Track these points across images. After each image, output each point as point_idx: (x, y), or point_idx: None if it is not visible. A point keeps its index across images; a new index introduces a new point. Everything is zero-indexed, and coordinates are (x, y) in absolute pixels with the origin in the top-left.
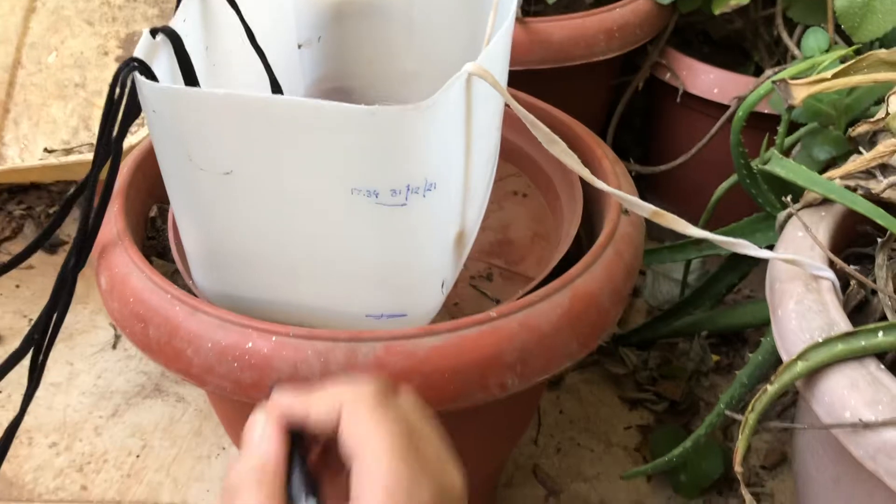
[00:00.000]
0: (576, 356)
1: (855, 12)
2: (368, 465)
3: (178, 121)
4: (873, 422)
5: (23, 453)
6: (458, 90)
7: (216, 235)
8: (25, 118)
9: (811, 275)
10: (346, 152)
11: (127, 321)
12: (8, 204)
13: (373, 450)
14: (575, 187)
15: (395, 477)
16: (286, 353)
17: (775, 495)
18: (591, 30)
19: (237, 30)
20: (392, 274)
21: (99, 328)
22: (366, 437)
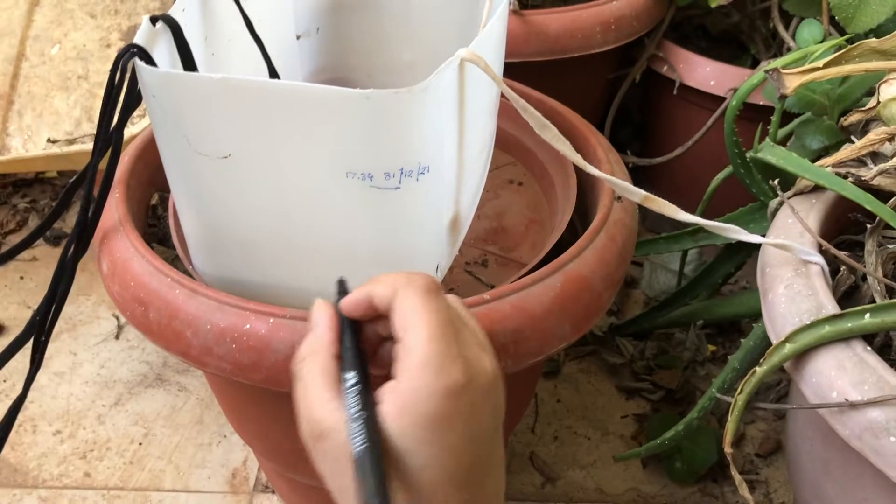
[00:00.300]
0: (569, 338)
1: (848, 4)
2: (410, 342)
3: (176, 105)
4: (859, 401)
5: (27, 441)
6: (451, 75)
7: (215, 219)
8: (29, 109)
9: (801, 260)
10: (341, 136)
11: (128, 304)
12: (12, 197)
13: (416, 329)
14: (569, 175)
15: (431, 354)
16: (283, 334)
17: (769, 482)
18: (588, 22)
19: (236, 20)
20: (387, 257)
21: (102, 319)
22: (411, 317)
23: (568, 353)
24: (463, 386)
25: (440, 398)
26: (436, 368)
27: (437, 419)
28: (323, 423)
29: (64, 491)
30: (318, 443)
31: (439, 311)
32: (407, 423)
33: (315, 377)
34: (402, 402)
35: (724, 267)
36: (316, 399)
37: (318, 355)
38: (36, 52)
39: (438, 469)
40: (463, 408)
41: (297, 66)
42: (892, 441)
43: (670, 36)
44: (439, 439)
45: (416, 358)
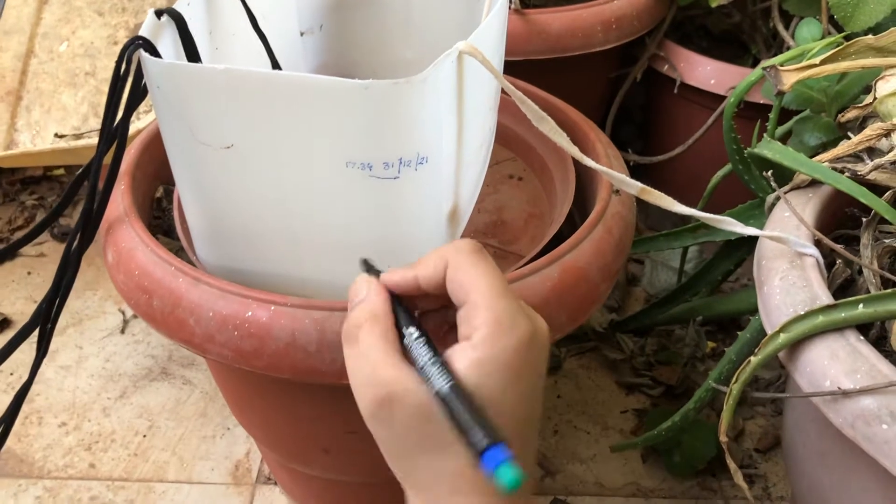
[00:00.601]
0: (565, 328)
1: (847, 3)
2: (478, 300)
3: (180, 96)
4: (851, 389)
5: (33, 432)
6: (450, 67)
7: (218, 209)
8: (37, 105)
9: (796, 252)
10: (341, 126)
11: (132, 293)
12: (21, 195)
13: (480, 289)
14: (568, 170)
15: (501, 310)
16: (284, 321)
17: (768, 476)
18: (589, 21)
19: (241, 15)
20: (387, 246)
21: (108, 314)
22: (472, 279)
23: (569, 349)
24: (531, 338)
25: (514, 351)
26: (509, 323)
27: (512, 370)
28: (391, 385)
29: (69, 481)
30: (384, 408)
31: (496, 270)
32: (484, 375)
33: (377, 340)
34: (478, 356)
35: (724, 264)
36: (381, 361)
37: (378, 319)
38: (44, 49)
39: (510, 419)
40: (532, 359)
41: (300, 63)
42: (884, 428)
43: (672, 36)
44: (511, 390)
45: (489, 314)
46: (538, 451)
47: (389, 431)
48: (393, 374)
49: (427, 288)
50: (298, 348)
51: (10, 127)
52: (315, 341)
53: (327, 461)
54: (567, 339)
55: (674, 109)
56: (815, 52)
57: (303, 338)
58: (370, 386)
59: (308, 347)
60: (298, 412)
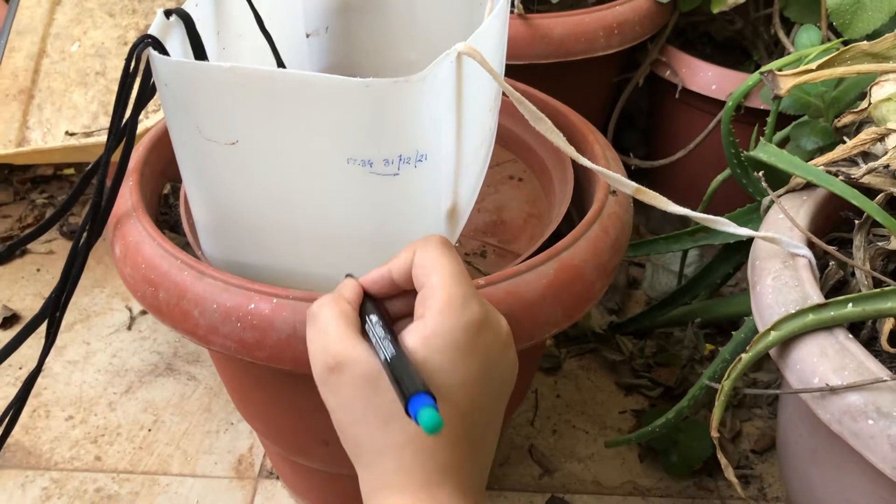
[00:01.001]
0: (560, 325)
1: (846, 9)
2: (434, 283)
3: (187, 93)
4: (839, 386)
5: (41, 425)
6: (449, 67)
7: (223, 204)
8: (49, 104)
9: (789, 253)
10: (342, 123)
11: (139, 286)
12: (31, 193)
13: (438, 272)
14: (567, 171)
15: (454, 292)
16: (286, 313)
17: (764, 477)
18: (591, 26)
19: (247, 16)
20: (387, 241)
21: (115, 310)
22: (433, 263)
23: (569, 350)
24: (482, 322)
25: (462, 330)
26: (459, 304)
27: (459, 348)
28: (340, 355)
29: (75, 473)
30: (333, 374)
31: (457, 259)
32: (432, 350)
33: (334, 317)
34: (427, 332)
35: (723, 267)
36: (334, 334)
37: (338, 301)
38: (56, 50)
39: (452, 399)
40: (481, 344)
41: (305, 64)
42: (870, 424)
43: (675, 42)
44: (458, 368)
45: (442, 295)
46: (537, 449)
47: (337, 398)
48: (344, 346)
49: (398, 279)
50: (300, 340)
51: (22, 125)
52: None
53: (327, 453)
54: (567, 340)
55: (676, 115)
56: (812, 58)
57: (304, 329)
58: (323, 354)
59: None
60: (299, 404)
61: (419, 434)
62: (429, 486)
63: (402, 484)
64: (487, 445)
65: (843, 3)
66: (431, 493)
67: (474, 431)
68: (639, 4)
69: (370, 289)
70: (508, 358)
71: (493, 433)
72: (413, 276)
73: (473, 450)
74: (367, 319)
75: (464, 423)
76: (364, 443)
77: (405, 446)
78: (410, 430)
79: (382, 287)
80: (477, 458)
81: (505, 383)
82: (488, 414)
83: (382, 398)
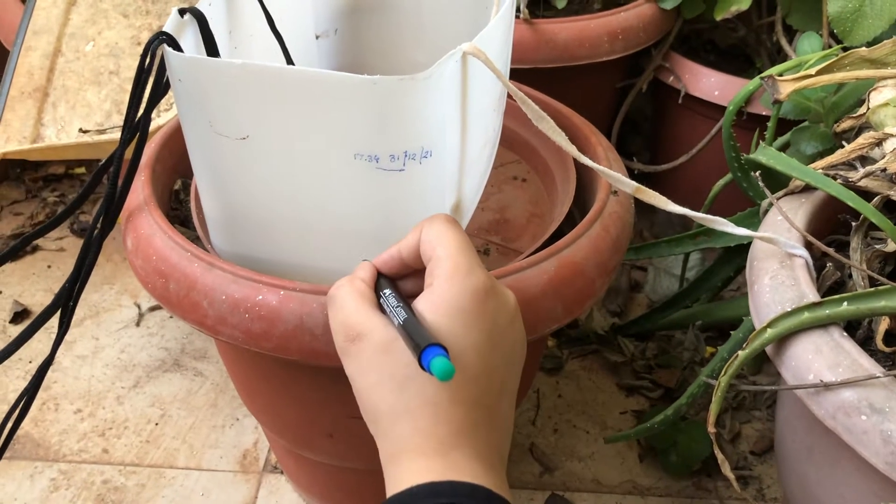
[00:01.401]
0: (561, 320)
1: (847, 17)
2: (439, 255)
3: (200, 89)
4: (833, 382)
5: (50, 418)
6: (454, 66)
7: (233, 198)
8: (63, 102)
9: (787, 253)
10: (350, 119)
11: (149, 277)
12: (43, 191)
13: (444, 244)
14: (570, 171)
15: (460, 261)
16: (293, 305)
17: (762, 479)
18: (596, 31)
19: (259, 17)
20: (392, 236)
21: (124, 307)
22: (440, 236)
23: (571, 350)
24: (488, 289)
25: (469, 295)
26: (465, 271)
27: (467, 312)
28: (358, 326)
29: (83, 465)
30: (353, 344)
31: (462, 233)
32: (441, 314)
33: (350, 293)
34: (435, 298)
35: (724, 270)
36: (351, 308)
37: (353, 281)
38: (71, 49)
39: (463, 362)
40: (489, 310)
41: (315, 65)
42: (863, 419)
43: (679, 49)
44: (467, 332)
45: (448, 264)
46: (538, 447)
47: (357, 366)
48: (361, 318)
49: (408, 257)
50: (306, 331)
51: (36, 122)
52: (322, 324)
53: (331, 446)
54: (569, 341)
55: (679, 120)
56: (812, 63)
57: (310, 321)
58: (343, 328)
59: (315, 330)
60: (304, 396)
61: (434, 397)
62: (444, 448)
63: (418, 447)
64: (503, 413)
65: (845, 11)
66: (447, 455)
67: (488, 396)
68: (643, 11)
69: (382, 268)
70: (517, 329)
71: (507, 402)
72: (420, 251)
73: (489, 415)
74: (381, 294)
75: (478, 386)
76: (381, 408)
77: (420, 410)
78: (426, 393)
79: (393, 267)
80: (494, 423)
81: (515, 352)
82: (500, 380)
83: (397, 362)
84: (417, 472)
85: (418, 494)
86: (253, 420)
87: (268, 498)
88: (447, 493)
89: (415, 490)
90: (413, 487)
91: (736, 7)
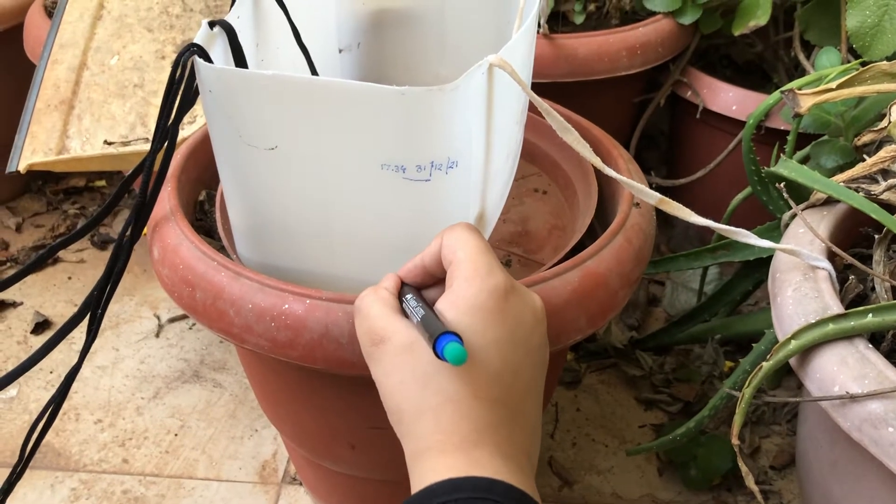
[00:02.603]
0: (584, 331)
1: (866, 32)
2: (459, 258)
3: (230, 99)
4: (859, 394)
5: (70, 428)
6: (480, 78)
7: (260, 208)
8: (88, 114)
9: (809, 266)
10: (377, 129)
11: (176, 286)
12: (63, 204)
13: (464, 248)
14: (591, 184)
15: (479, 262)
16: (319, 314)
17: (783, 494)
18: (615, 46)
19: (285, 30)
20: (417, 246)
21: (144, 318)
22: (460, 241)
23: (589, 364)
24: (507, 288)
25: (488, 294)
26: (484, 272)
27: (487, 310)
28: (382, 331)
29: (103, 475)
30: (377, 346)
31: (482, 238)
32: (460, 312)
33: (374, 301)
34: (455, 298)
35: (743, 284)
36: (376, 315)
37: (377, 290)
38: (97, 62)
39: (484, 360)
40: (510, 309)
41: (338, 78)
42: (891, 431)
43: (697, 65)
44: (487, 330)
45: (467, 265)
46: (557, 461)
47: (381, 368)
48: (385, 323)
49: (430, 265)
50: (331, 340)
51: (62, 134)
52: (347, 333)
53: (353, 457)
54: (587, 355)
55: (696, 135)
56: (832, 77)
57: (335, 330)
58: (367, 333)
59: (340, 339)
60: (326, 406)
61: (455, 394)
62: (466, 445)
63: (441, 444)
64: (529, 413)
65: (864, 26)
66: (469, 452)
67: (511, 395)
68: (661, 26)
69: (406, 278)
70: (542, 330)
71: (533, 403)
72: (441, 256)
73: (513, 415)
74: (404, 299)
75: (500, 385)
76: (404, 407)
77: (442, 406)
78: (447, 390)
79: (416, 276)
80: (518, 423)
81: (541, 353)
82: (525, 380)
83: (418, 361)
84: (439, 469)
85: (437, 491)
86: (272, 431)
87: None
88: (466, 489)
89: (434, 487)
90: (433, 485)
91: (754, 22)
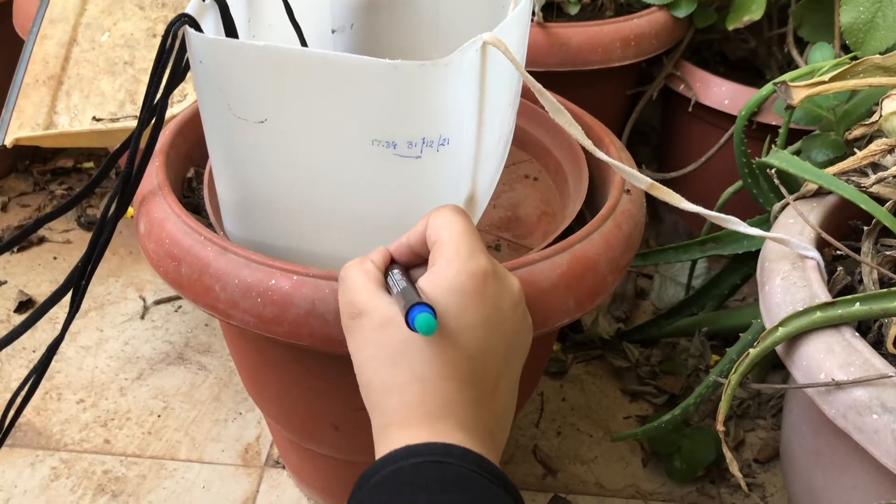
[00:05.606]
0: (572, 314)
1: (859, 28)
2: (443, 239)
3: (221, 71)
4: (844, 381)
5: (52, 407)
6: (474, 55)
7: (248, 182)
8: (77, 90)
9: (798, 255)
10: (369, 103)
11: (162, 261)
12: (50, 184)
13: (449, 228)
14: (582, 170)
15: (462, 244)
16: (305, 290)
17: (766, 487)
18: (608, 37)
19: (278, 8)
20: (406, 225)
21: (129, 300)
22: (445, 222)
23: (575, 355)
24: (488, 272)
25: (468, 276)
26: (466, 254)
27: (465, 293)
28: (361, 304)
29: (84, 455)
30: (354, 320)
31: (468, 221)
32: (439, 291)
33: (358, 273)
34: (435, 278)
35: (731, 278)
36: (357, 287)
37: (363, 261)
38: (87, 39)
39: (458, 341)
40: (489, 293)
41: None
42: (875, 418)
43: (691, 60)
44: (464, 312)
45: (450, 247)
46: (541, 450)
47: (357, 342)
48: (365, 297)
49: (415, 245)
50: (317, 316)
51: (50, 109)
52: (334, 310)
53: (336, 439)
54: (574, 345)
55: (688, 129)
56: (825, 71)
57: (322, 306)
58: (348, 305)
59: (327, 316)
60: (312, 386)
61: (423, 374)
62: (430, 419)
63: (405, 418)
64: (500, 397)
65: (857, 22)
66: (431, 425)
67: (483, 378)
68: (655, 18)
69: (394, 254)
70: (520, 315)
71: (506, 387)
72: (426, 236)
73: (481, 395)
74: (390, 273)
75: (471, 366)
76: (374, 382)
77: (409, 385)
78: (415, 369)
79: (403, 254)
80: (486, 405)
81: (518, 339)
82: (498, 363)
83: (392, 338)
84: (400, 441)
85: (395, 457)
86: (256, 415)
87: (269, 492)
88: (423, 453)
89: (392, 454)
90: (391, 452)
91: (748, 17)
